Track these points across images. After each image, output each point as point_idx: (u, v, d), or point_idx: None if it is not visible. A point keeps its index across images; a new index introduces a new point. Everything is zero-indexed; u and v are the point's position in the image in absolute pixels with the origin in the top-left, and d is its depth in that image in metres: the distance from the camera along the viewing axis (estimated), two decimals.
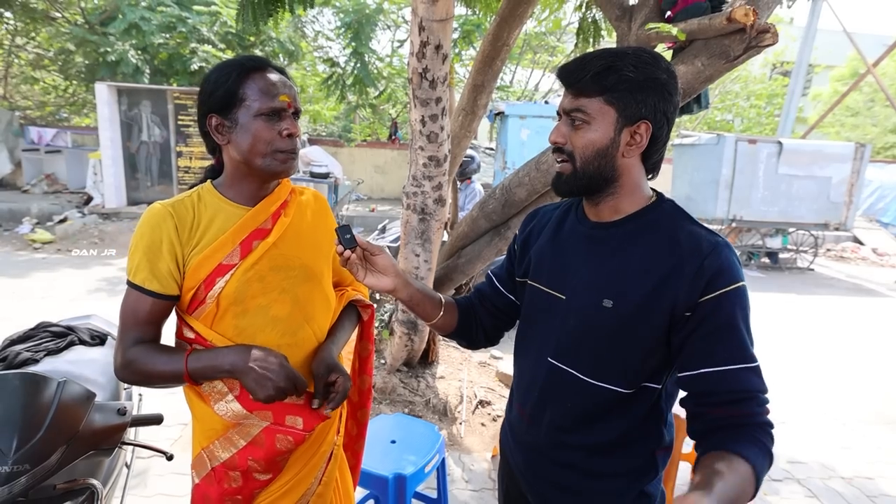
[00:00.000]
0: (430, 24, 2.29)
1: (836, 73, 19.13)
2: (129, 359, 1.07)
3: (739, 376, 0.91)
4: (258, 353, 1.04)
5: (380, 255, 1.11)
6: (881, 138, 17.12)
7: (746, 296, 0.93)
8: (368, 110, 13.02)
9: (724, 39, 2.10)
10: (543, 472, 1.13)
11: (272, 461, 1.13)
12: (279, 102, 1.07)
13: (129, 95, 9.13)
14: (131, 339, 1.08)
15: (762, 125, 17.62)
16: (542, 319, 1.11)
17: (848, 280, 8.70)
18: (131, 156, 9.35)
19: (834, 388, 4.31)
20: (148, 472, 2.62)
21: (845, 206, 8.69)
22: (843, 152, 8.59)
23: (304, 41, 12.98)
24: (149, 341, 1.10)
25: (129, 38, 9.66)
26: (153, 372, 1.06)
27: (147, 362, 1.06)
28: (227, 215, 1.11)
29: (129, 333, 1.08)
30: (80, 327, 2.08)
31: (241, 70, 1.07)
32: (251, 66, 1.08)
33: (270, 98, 1.07)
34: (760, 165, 8.39)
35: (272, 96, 1.07)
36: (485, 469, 2.86)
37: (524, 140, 8.83)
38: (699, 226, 0.99)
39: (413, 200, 2.81)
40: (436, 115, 2.53)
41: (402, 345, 3.39)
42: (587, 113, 0.96)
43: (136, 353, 1.07)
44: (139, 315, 1.07)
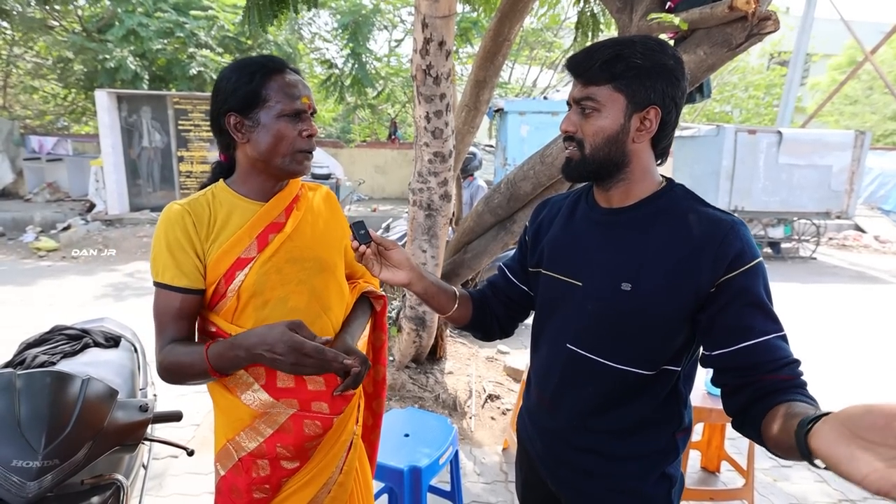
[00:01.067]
0: (433, 20, 2.30)
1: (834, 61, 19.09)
2: (164, 357, 1.09)
3: (778, 345, 0.94)
4: (258, 335, 1.02)
5: (394, 249, 1.13)
6: (880, 126, 17.09)
7: (765, 270, 0.96)
8: (367, 111, 13.03)
9: (726, 28, 2.11)
10: (564, 456, 1.14)
11: (301, 448, 1.15)
12: (301, 104, 1.11)
13: (129, 102, 9.15)
14: (168, 338, 1.10)
15: (761, 115, 17.61)
16: (559, 307, 1.12)
17: (851, 268, 8.69)
18: (132, 162, 9.38)
19: (840, 375, 4.32)
20: (165, 473, 2.64)
21: (846, 195, 8.67)
22: (843, 140, 8.56)
23: (301, 43, 12.98)
24: (185, 338, 1.12)
25: (127, 45, 9.69)
26: (181, 366, 1.08)
27: (176, 360, 1.08)
28: (243, 211, 1.14)
29: (165, 333, 1.10)
30: (94, 330, 2.10)
31: (265, 71, 1.09)
32: (273, 68, 1.11)
33: (293, 100, 1.10)
34: (761, 156, 8.37)
35: (294, 98, 1.10)
36: (496, 462, 2.88)
37: (524, 136, 8.84)
38: (712, 207, 1.01)
39: (419, 197, 2.83)
40: (440, 111, 2.54)
41: (410, 341, 3.40)
42: (597, 101, 0.98)
43: (168, 352, 1.09)
44: (172, 313, 1.10)
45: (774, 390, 0.91)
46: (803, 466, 2.95)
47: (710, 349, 0.99)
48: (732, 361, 0.96)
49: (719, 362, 0.97)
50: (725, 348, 0.96)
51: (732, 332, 0.95)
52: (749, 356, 0.94)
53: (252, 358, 1.03)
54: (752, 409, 0.92)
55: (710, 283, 0.95)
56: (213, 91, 1.14)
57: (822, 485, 2.80)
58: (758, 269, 0.94)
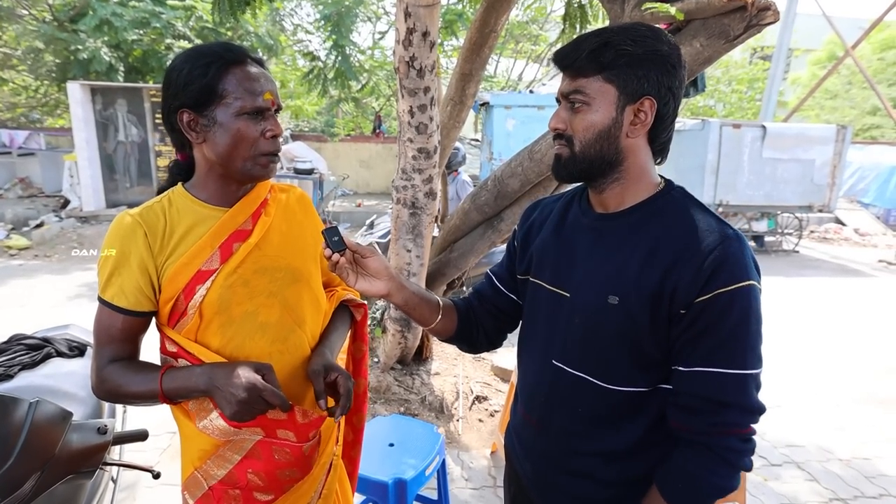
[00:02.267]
0: (416, 9, 2.20)
1: (814, 56, 19.33)
2: (104, 378, 1.01)
3: (708, 379, 0.88)
4: (220, 368, 0.96)
5: (371, 256, 1.04)
6: (859, 120, 17.33)
7: (752, 296, 0.86)
8: (351, 104, 12.87)
9: (724, 18, 2.04)
10: (556, 481, 1.06)
11: (273, 476, 1.06)
12: (263, 101, 0.99)
13: (104, 94, 8.85)
14: (106, 358, 1.01)
15: (744, 110, 17.76)
16: (546, 319, 1.05)
17: (832, 261, 8.79)
18: (108, 157, 9.09)
19: (826, 369, 4.34)
20: (137, 485, 2.52)
21: (828, 188, 8.77)
22: (825, 135, 8.65)
23: (282, 35, 12.75)
24: (126, 358, 1.02)
25: (100, 35, 9.38)
26: (128, 392, 0.99)
27: (122, 382, 1.00)
28: (203, 218, 1.04)
29: (103, 351, 1.02)
30: (56, 338, 1.98)
31: (221, 63, 0.98)
32: (231, 59, 0.99)
33: (254, 96, 0.98)
34: (745, 150, 8.42)
35: (256, 94, 0.99)
36: (484, 466, 2.81)
37: (510, 130, 8.77)
38: (711, 215, 0.93)
39: (403, 194, 2.73)
40: (424, 105, 2.44)
41: (395, 342, 3.32)
42: (586, 94, 0.91)
43: (110, 372, 1.01)
44: (112, 332, 1.01)
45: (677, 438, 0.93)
46: (794, 465, 2.95)
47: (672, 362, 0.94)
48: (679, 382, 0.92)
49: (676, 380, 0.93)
50: (679, 366, 0.91)
51: (680, 352, 0.91)
52: (676, 381, 0.91)
53: (209, 391, 0.96)
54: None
55: (682, 302, 0.88)
56: (164, 83, 1.02)
57: (812, 483, 2.79)
58: (740, 293, 0.85)
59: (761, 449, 3.06)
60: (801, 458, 3.00)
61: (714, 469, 0.88)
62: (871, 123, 17.24)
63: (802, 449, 3.10)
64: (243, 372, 0.94)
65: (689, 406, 0.90)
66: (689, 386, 0.90)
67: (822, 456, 3.04)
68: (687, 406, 0.90)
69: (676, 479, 0.92)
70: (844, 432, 3.32)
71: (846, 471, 2.91)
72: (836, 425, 3.41)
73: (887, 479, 2.84)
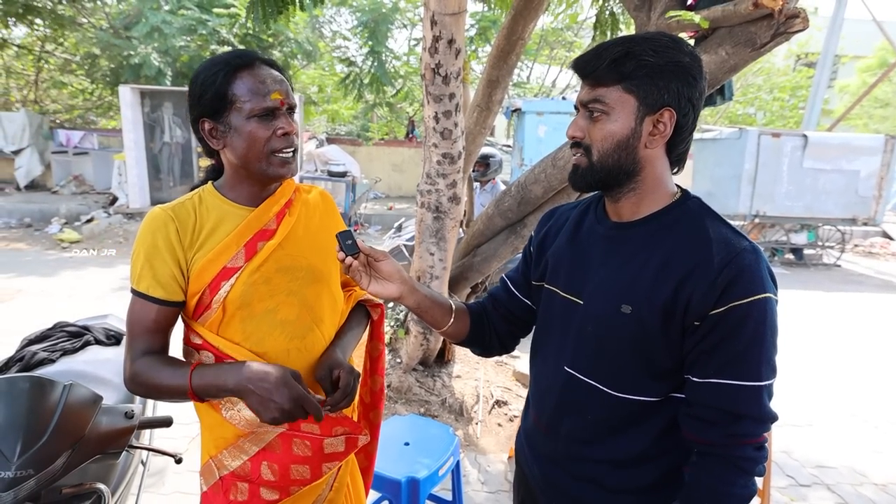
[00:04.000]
0: (442, 18, 2.25)
1: (864, 63, 18.54)
2: (136, 370, 1.03)
3: (722, 391, 0.88)
4: (258, 372, 0.97)
5: (384, 260, 1.05)
6: None
7: (768, 309, 0.86)
8: (386, 109, 13.04)
9: (750, 26, 2.01)
10: (563, 486, 1.07)
11: (286, 471, 1.09)
12: (271, 101, 1.02)
13: (152, 97, 9.28)
14: (139, 350, 1.04)
15: (786, 118, 17.18)
16: (559, 326, 1.06)
17: (877, 276, 8.42)
18: (154, 157, 9.51)
19: (864, 389, 4.15)
20: (165, 470, 2.64)
21: (874, 201, 8.41)
22: (872, 145, 8.31)
23: (321, 41, 13.04)
24: (157, 351, 1.06)
25: (151, 42, 9.82)
26: (159, 386, 1.02)
27: (153, 375, 1.02)
28: (230, 217, 1.08)
29: (136, 343, 1.05)
30: (95, 327, 2.09)
31: (228, 69, 1.01)
32: (238, 64, 1.02)
33: (261, 97, 1.01)
34: (784, 159, 8.15)
35: (263, 95, 1.01)
36: (501, 470, 2.82)
37: (541, 137, 8.74)
38: (726, 226, 0.93)
39: (427, 198, 2.78)
40: (449, 111, 2.49)
41: (417, 344, 3.36)
42: (605, 103, 0.91)
43: (142, 366, 1.03)
44: (146, 323, 1.04)
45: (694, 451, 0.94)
46: (822, 486, 2.84)
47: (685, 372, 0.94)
48: (693, 393, 0.92)
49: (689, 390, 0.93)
50: (693, 377, 0.91)
51: (694, 363, 0.91)
52: (689, 391, 0.92)
53: (239, 391, 0.98)
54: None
55: (697, 314, 0.88)
56: (188, 95, 1.06)
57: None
58: (755, 306, 0.85)
59: (789, 468, 2.96)
60: (832, 480, 2.89)
61: (733, 480, 0.88)
62: None
63: (834, 470, 2.98)
64: (284, 379, 0.96)
65: (705, 417, 0.90)
66: (703, 397, 0.90)
67: (854, 479, 2.92)
68: (702, 417, 0.90)
69: (701, 498, 0.91)
70: (881, 455, 3.18)
71: (881, 495, 2.78)
72: (873, 448, 3.26)
73: None
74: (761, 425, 0.88)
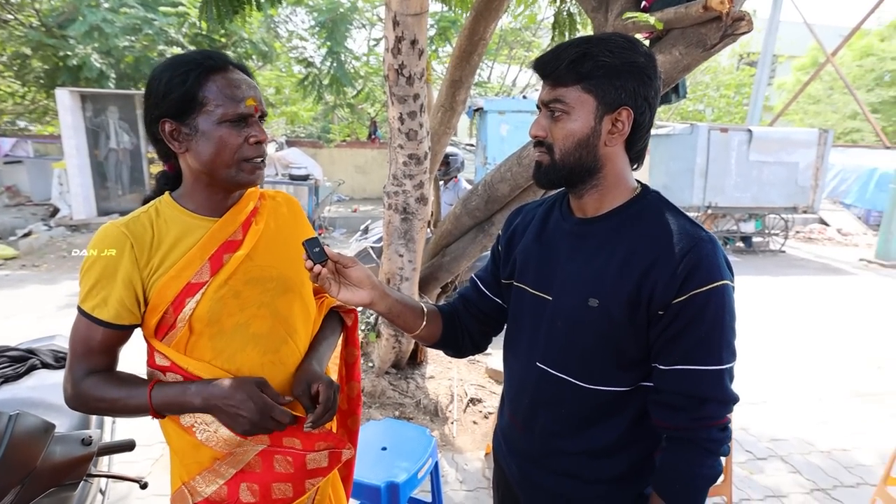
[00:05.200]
0: (404, 18, 2.24)
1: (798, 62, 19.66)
2: (82, 391, 0.98)
3: (687, 377, 0.92)
4: (223, 388, 0.94)
5: (353, 266, 1.03)
6: (840, 124, 17.63)
7: (726, 295, 0.90)
8: (347, 110, 12.85)
9: (701, 28, 2.09)
10: (541, 481, 1.09)
11: (267, 490, 1.04)
12: (246, 108, 0.98)
13: (94, 101, 8.80)
14: (82, 371, 0.98)
15: (731, 114, 18.01)
16: (529, 322, 1.07)
17: (817, 260, 8.94)
18: (99, 164, 9.03)
19: (810, 365, 4.44)
20: (128, 497, 2.50)
21: (812, 190, 8.94)
22: (808, 138, 8.82)
23: (277, 42, 12.73)
24: (104, 370, 1.00)
25: (91, 42, 9.27)
26: (111, 406, 0.98)
27: (103, 396, 0.97)
28: (192, 229, 1.02)
29: (79, 364, 0.99)
30: (41, 350, 1.97)
31: (201, 70, 0.96)
32: (211, 66, 0.97)
33: (236, 102, 0.97)
34: (732, 153, 8.56)
35: (237, 100, 0.97)
36: (478, 468, 2.83)
37: (504, 135, 8.84)
38: (684, 218, 0.97)
39: (394, 200, 2.76)
40: (414, 111, 2.48)
41: (389, 347, 3.34)
42: (566, 103, 0.93)
43: (89, 385, 0.98)
44: (91, 344, 0.98)
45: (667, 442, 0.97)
46: (777, 457, 3.02)
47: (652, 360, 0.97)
48: (660, 380, 0.95)
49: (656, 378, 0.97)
50: (659, 364, 0.95)
51: (659, 351, 0.95)
52: (657, 379, 0.95)
53: (207, 409, 0.95)
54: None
55: (660, 303, 0.91)
56: (145, 94, 1.00)
57: (795, 475, 2.87)
58: (714, 293, 0.89)
59: (747, 443, 3.13)
60: (785, 452, 3.09)
61: (702, 462, 0.93)
62: (851, 127, 17.57)
63: (786, 442, 3.18)
64: (248, 392, 0.94)
65: (672, 403, 0.93)
66: (669, 383, 0.93)
67: (804, 448, 3.13)
68: (669, 403, 0.94)
69: (673, 480, 0.95)
70: (826, 425, 3.41)
71: (826, 462, 2.99)
72: (819, 419, 3.50)
73: (864, 468, 2.94)
74: (725, 407, 0.93)
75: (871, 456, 3.07)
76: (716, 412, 0.92)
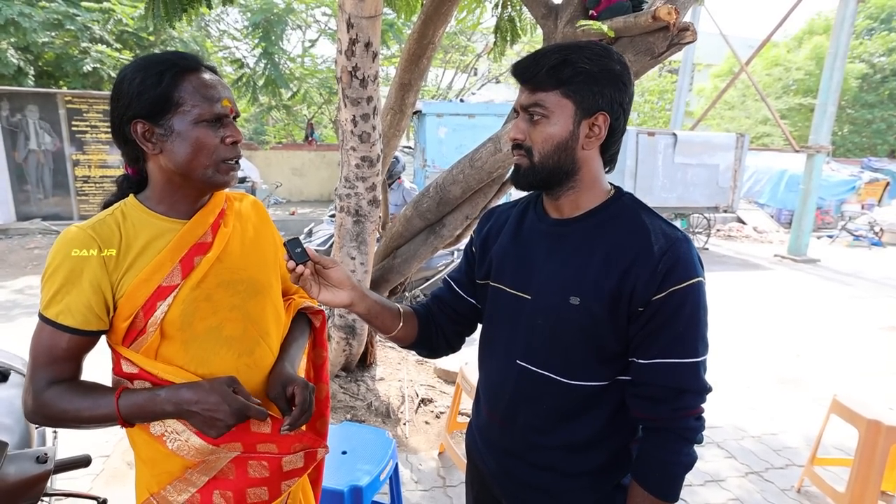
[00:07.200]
0: (358, 20, 2.24)
1: (715, 70, 21.09)
2: (44, 402, 0.94)
3: (666, 369, 0.96)
4: (195, 392, 0.94)
5: (333, 267, 1.03)
6: (753, 129, 18.94)
7: (700, 291, 0.95)
8: (282, 112, 12.55)
9: (649, 37, 2.19)
10: (521, 476, 1.11)
11: (241, 496, 1.03)
12: (222, 108, 0.98)
13: (11, 100, 8.25)
14: (44, 380, 0.95)
15: (655, 118, 19.00)
16: (508, 321, 1.09)
17: (737, 256, 9.63)
18: (18, 166, 8.46)
19: (737, 355, 4.75)
20: None
21: (731, 190, 9.59)
22: (727, 142, 9.47)
23: (208, 41, 12.25)
24: (67, 379, 0.97)
25: (6, 36, 8.64)
26: (76, 417, 0.94)
27: (67, 407, 0.94)
28: (161, 232, 1.00)
29: (41, 373, 0.95)
30: None
31: (176, 70, 0.95)
32: (186, 66, 0.97)
33: (212, 102, 0.97)
34: (659, 156, 9.04)
35: (213, 101, 0.97)
36: (433, 467, 2.86)
37: (442, 138, 8.93)
38: (659, 219, 1.01)
39: (346, 202, 2.75)
40: (367, 114, 2.48)
41: (340, 350, 3.31)
42: (545, 107, 0.95)
43: (52, 396, 0.94)
44: (54, 352, 0.95)
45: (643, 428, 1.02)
46: (713, 444, 3.21)
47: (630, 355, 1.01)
48: (639, 373, 0.99)
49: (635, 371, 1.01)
50: (638, 359, 0.99)
51: (638, 347, 0.99)
52: (635, 373, 0.99)
53: (179, 414, 0.93)
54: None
55: (640, 300, 0.95)
56: (114, 94, 0.98)
57: (731, 460, 3.06)
58: (690, 290, 0.94)
59: None
60: (721, 438, 3.28)
61: (680, 450, 0.97)
62: (763, 132, 18.98)
63: (721, 429, 3.39)
64: (223, 393, 0.94)
65: (651, 396, 0.97)
66: (649, 377, 0.97)
67: (737, 434, 3.34)
68: (649, 396, 0.97)
69: (653, 469, 0.99)
70: (755, 411, 3.66)
71: (758, 446, 3.21)
72: (748, 405, 3.75)
73: (792, 450, 3.17)
74: (700, 397, 0.97)
75: (796, 439, 3.31)
76: (693, 402, 0.96)
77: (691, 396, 0.96)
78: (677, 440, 0.97)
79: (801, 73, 18.51)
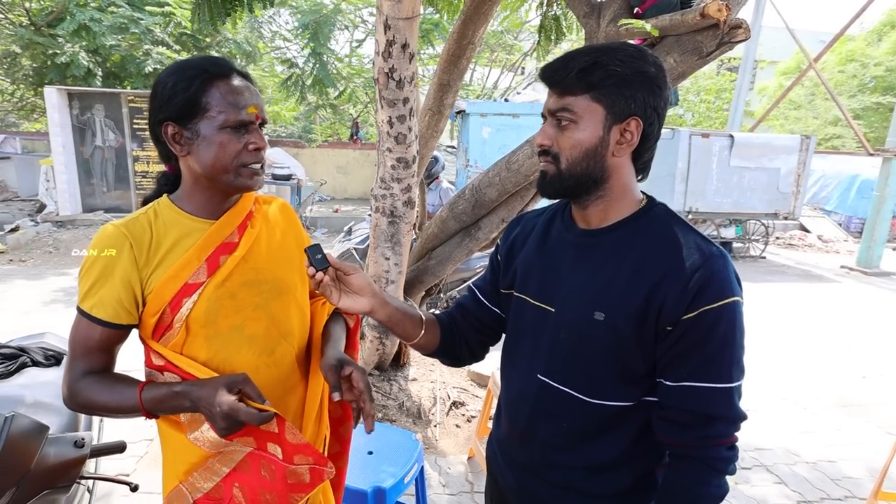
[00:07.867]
0: (395, 22, 2.24)
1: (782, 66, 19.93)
2: (77, 391, 0.99)
3: (695, 394, 0.89)
4: (202, 389, 0.95)
5: (354, 274, 1.02)
6: (822, 130, 17.86)
7: (736, 312, 0.89)
8: (329, 111, 12.84)
9: (697, 35, 2.08)
10: (539, 493, 1.07)
11: (255, 495, 1.04)
12: (247, 115, 1.00)
13: (81, 99, 8.80)
14: (80, 370, 1.00)
15: (712, 119, 18.20)
16: (530, 334, 1.05)
17: (797, 267, 9.09)
18: (85, 161, 9.03)
19: (793, 373, 4.45)
20: (112, 494, 2.48)
21: (793, 196, 9.04)
22: (790, 144, 8.93)
23: (261, 42, 12.70)
24: (101, 370, 1.02)
25: (79, 40, 9.28)
26: (104, 406, 0.99)
27: (96, 397, 0.98)
28: (189, 231, 1.04)
29: (77, 363, 1.00)
30: (32, 347, 1.96)
31: (205, 76, 0.99)
32: (215, 73, 1.00)
33: (237, 109, 0.99)
34: (714, 158, 8.64)
35: (239, 107, 0.99)
36: (461, 472, 2.84)
37: (486, 138, 8.87)
38: (694, 232, 0.95)
39: (382, 203, 2.76)
40: (403, 115, 2.48)
41: (373, 349, 3.34)
42: (574, 112, 0.91)
43: (84, 386, 0.99)
44: (89, 344, 0.99)
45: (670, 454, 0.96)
46: (763, 468, 3.01)
47: (657, 375, 0.95)
48: (666, 396, 0.93)
49: (662, 393, 0.95)
50: (666, 380, 0.93)
51: (666, 367, 0.92)
52: (663, 395, 0.93)
53: (195, 409, 0.96)
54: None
55: (669, 319, 0.89)
56: (150, 96, 1.03)
57: (780, 486, 2.86)
58: (725, 310, 0.87)
59: None
60: (770, 462, 3.08)
61: (707, 480, 0.90)
62: (832, 133, 17.82)
63: (771, 452, 3.18)
64: (216, 394, 0.94)
65: (678, 420, 0.91)
66: (676, 400, 0.91)
67: (789, 459, 3.12)
68: (676, 420, 0.92)
69: (678, 499, 0.93)
70: (811, 435, 3.41)
71: (812, 473, 2.98)
72: (803, 429, 3.50)
73: (851, 480, 2.92)
74: (733, 425, 0.90)
75: (858, 468, 3.05)
76: (724, 431, 0.90)
77: (722, 424, 0.90)
78: (706, 470, 0.90)
79: (881, 69, 17.20)
